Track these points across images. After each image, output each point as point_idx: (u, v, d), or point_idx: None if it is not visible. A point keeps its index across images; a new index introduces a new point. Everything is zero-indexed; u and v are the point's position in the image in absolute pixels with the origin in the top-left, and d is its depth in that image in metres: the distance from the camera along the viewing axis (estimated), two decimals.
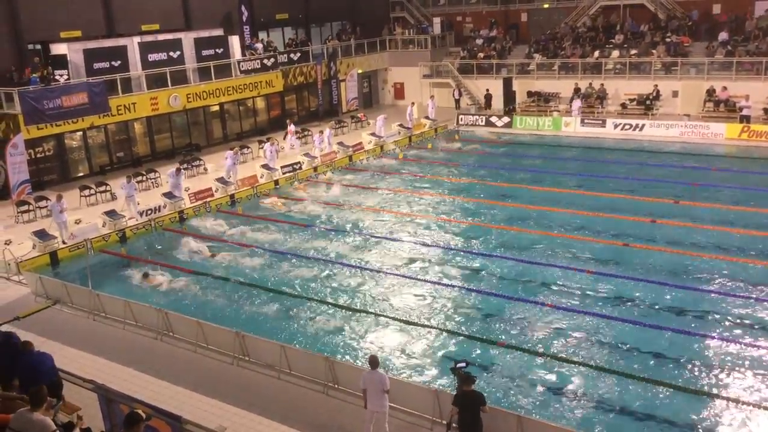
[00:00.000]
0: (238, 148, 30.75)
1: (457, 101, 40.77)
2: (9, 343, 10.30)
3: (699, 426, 11.48)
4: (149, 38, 31.95)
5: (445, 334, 15.01)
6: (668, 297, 16.17)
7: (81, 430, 8.35)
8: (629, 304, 15.96)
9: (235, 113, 35.75)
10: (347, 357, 13.98)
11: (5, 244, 19.77)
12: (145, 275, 18.34)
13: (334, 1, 44.97)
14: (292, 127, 33.50)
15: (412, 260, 19.16)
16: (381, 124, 33.79)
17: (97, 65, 29.06)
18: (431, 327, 15.27)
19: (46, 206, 24.08)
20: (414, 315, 15.89)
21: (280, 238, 21.47)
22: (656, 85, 35.19)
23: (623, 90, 36.37)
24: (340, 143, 31.84)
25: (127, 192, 22.97)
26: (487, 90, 39.75)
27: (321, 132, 31.89)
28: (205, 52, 33.17)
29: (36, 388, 8.03)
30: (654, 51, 36.75)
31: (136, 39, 31.19)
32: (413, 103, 36.68)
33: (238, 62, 34.54)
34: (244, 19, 37.55)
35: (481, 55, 42.16)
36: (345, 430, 11.56)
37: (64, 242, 20.65)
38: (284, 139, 32.73)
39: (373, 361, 10.99)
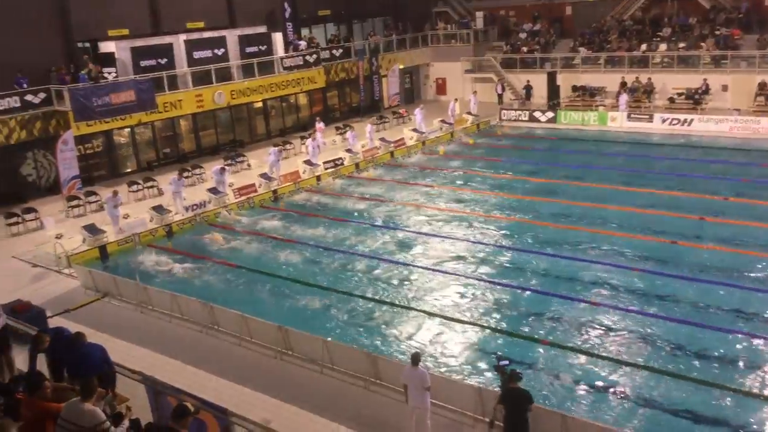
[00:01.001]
0: (282, 145, 30.99)
1: (500, 96, 40.37)
2: (60, 337, 10.55)
3: (747, 428, 11.19)
4: (194, 36, 32.38)
5: (488, 331, 14.92)
6: (717, 296, 15.78)
7: (129, 420, 8.50)
8: (677, 302, 15.62)
9: (277, 109, 36.05)
10: (390, 352, 13.99)
11: (56, 238, 20.27)
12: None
13: None
14: (321, 125, 32.93)
15: (454, 257, 19.07)
16: (420, 117, 33.66)
17: (144, 63, 29.59)
18: (474, 324, 15.18)
19: (96, 201, 24.67)
20: (457, 311, 15.82)
21: (321, 233, 21.58)
22: (705, 79, 34.32)
23: (671, 84, 35.56)
24: (382, 139, 31.84)
25: (174, 188, 23.37)
26: (527, 82, 39.35)
27: (352, 128, 31.75)
28: (248, 49, 33.50)
29: (86, 379, 8.18)
30: (703, 44, 35.85)
31: (182, 37, 31.64)
32: (456, 99, 36.46)
33: (281, 59, 34.80)
34: (287, 15, 37.80)
35: (525, 49, 41.70)
36: (386, 426, 11.57)
37: (120, 230, 21.21)
38: (312, 138, 29.95)
39: (415, 358, 10.95)
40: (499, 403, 10.19)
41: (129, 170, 29.67)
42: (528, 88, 39.25)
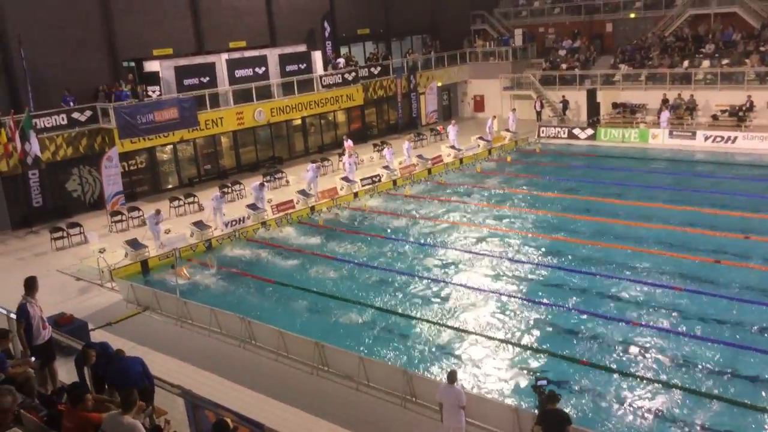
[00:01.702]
0: (320, 161, 31.24)
1: (539, 113, 40.15)
2: (105, 353, 10.75)
3: None
4: (236, 55, 32.93)
5: (526, 350, 14.76)
6: (761, 316, 15.37)
7: None
8: (720, 323, 15.26)
9: (316, 126, 36.40)
10: (425, 369, 13.92)
11: (99, 252, 20.67)
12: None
13: (415, 15, 45.25)
14: (349, 143, 32.37)
15: (492, 274, 18.95)
16: (454, 134, 33.61)
17: (187, 81, 30.17)
18: (512, 343, 15.04)
19: (139, 216, 25.16)
20: (493, 329, 15.69)
21: (358, 249, 21.66)
22: (749, 96, 33.64)
23: (714, 101, 34.92)
24: (420, 156, 31.89)
25: (215, 204, 23.72)
26: (563, 96, 39.16)
27: (389, 145, 31.80)
28: (288, 68, 33.93)
29: (127, 391, 8.30)
30: (747, 60, 35.19)
31: (224, 56, 32.21)
32: (494, 116, 36.33)
33: (320, 77, 35.18)
34: (327, 34, 38.25)
35: (564, 66, 41.46)
36: None
37: (162, 245, 21.62)
38: (340, 157, 30.46)
39: (451, 376, 10.89)
40: (537, 424, 10.04)
41: (171, 186, 30.21)
42: (564, 103, 39.04)
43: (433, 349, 15.00)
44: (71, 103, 27.55)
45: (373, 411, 12.50)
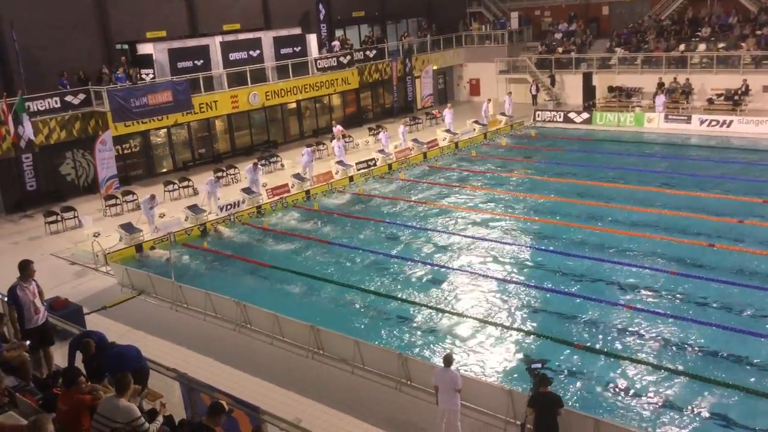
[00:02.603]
0: (314, 145, 31.16)
1: (534, 97, 40.07)
2: (102, 345, 10.76)
3: None
4: (230, 38, 32.74)
5: (520, 333, 14.81)
6: (755, 300, 15.44)
7: (163, 417, 8.62)
8: (713, 307, 15.33)
9: (311, 110, 36.26)
10: (420, 353, 13.97)
11: (94, 236, 20.63)
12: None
13: None
14: (338, 128, 32.34)
15: (486, 258, 18.96)
16: (449, 118, 33.56)
17: (181, 64, 29.99)
18: (505, 326, 15.08)
19: (133, 200, 25.08)
20: (488, 313, 15.73)
21: (353, 233, 21.67)
22: (745, 80, 33.62)
23: (710, 85, 34.92)
24: (415, 140, 31.81)
25: (209, 188, 23.62)
26: (552, 74, 39.64)
27: (385, 129, 31.66)
28: (283, 51, 33.75)
29: (120, 374, 8.30)
30: (743, 44, 35.12)
31: (218, 38, 32.02)
32: (489, 100, 36.24)
33: (315, 60, 34.99)
34: (321, 17, 37.98)
35: (560, 49, 41.32)
36: (417, 427, 11.56)
37: (156, 229, 21.45)
38: (331, 141, 30.46)
39: (447, 360, 10.94)
40: (529, 406, 10.12)
41: (165, 170, 30.10)
42: (552, 77, 39.46)
43: (427, 333, 15.04)
44: (68, 87, 27.35)
45: (369, 393, 12.54)
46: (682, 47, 36.94)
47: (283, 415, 9.20)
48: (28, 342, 10.84)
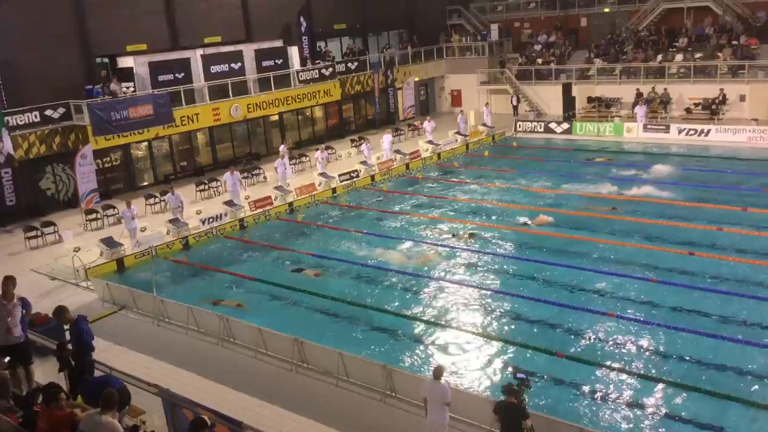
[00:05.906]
0: (285, 150, 29.71)
1: (515, 108, 40.38)
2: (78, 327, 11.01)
3: None
4: (211, 50, 32.69)
5: (502, 343, 14.83)
6: (735, 307, 15.61)
7: None
8: (693, 314, 15.47)
9: (293, 122, 36.25)
10: (405, 365, 13.95)
11: (74, 251, 20.44)
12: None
13: (392, 10, 45.14)
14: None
15: (469, 268, 19.03)
16: (430, 129, 33.76)
17: (161, 77, 29.89)
18: (488, 336, 15.12)
19: (114, 214, 24.89)
20: (472, 324, 15.76)
21: (337, 245, 21.64)
22: (722, 89, 34.11)
23: (687, 94, 35.38)
24: (397, 151, 31.90)
25: (173, 203, 23.55)
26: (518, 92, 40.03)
27: (367, 141, 31.54)
28: (265, 63, 33.77)
29: (108, 391, 8.25)
30: (720, 54, 35.65)
31: (199, 51, 31.95)
32: (462, 111, 36.39)
33: (297, 72, 35.03)
34: (303, 29, 38.04)
35: (540, 60, 41.69)
36: None
37: (138, 243, 21.22)
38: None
39: (437, 372, 10.77)
40: (494, 412, 10.15)
41: (146, 183, 29.92)
42: (517, 96, 40.19)
43: (411, 344, 15.03)
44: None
45: (354, 406, 12.51)
46: (659, 58, 37.42)
47: (266, 430, 9.18)
48: (7, 359, 10.72)
